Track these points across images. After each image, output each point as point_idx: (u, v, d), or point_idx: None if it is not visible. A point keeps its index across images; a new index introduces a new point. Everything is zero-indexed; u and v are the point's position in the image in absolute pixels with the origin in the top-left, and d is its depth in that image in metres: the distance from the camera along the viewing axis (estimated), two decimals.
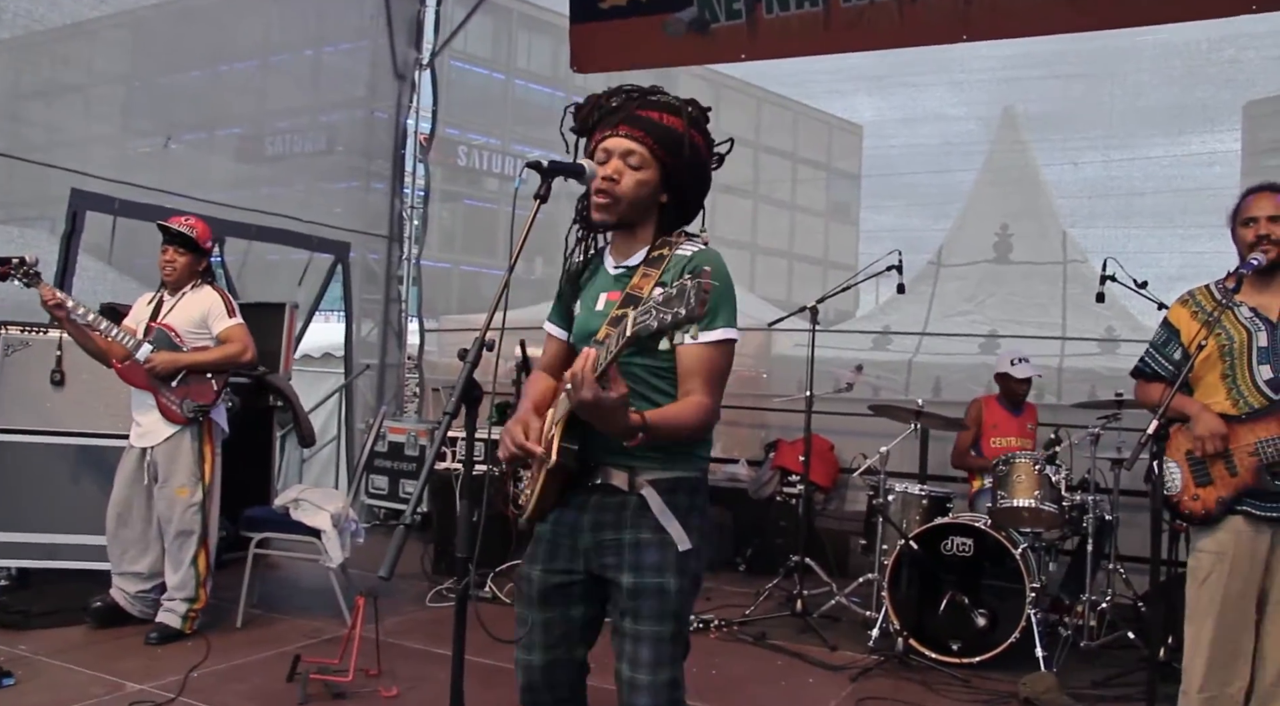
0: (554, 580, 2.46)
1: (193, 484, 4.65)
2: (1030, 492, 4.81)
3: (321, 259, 7.74)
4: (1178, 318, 3.60)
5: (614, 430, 2.13)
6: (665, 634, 2.33)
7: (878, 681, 4.51)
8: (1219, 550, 3.44)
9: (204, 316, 4.72)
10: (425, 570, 6.09)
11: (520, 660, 2.51)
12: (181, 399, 4.63)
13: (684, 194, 2.47)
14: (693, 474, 2.42)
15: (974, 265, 7.55)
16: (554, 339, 2.66)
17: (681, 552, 2.34)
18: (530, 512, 2.45)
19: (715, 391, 2.33)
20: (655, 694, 2.32)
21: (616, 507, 2.36)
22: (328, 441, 8.01)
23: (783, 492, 6.50)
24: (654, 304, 1.90)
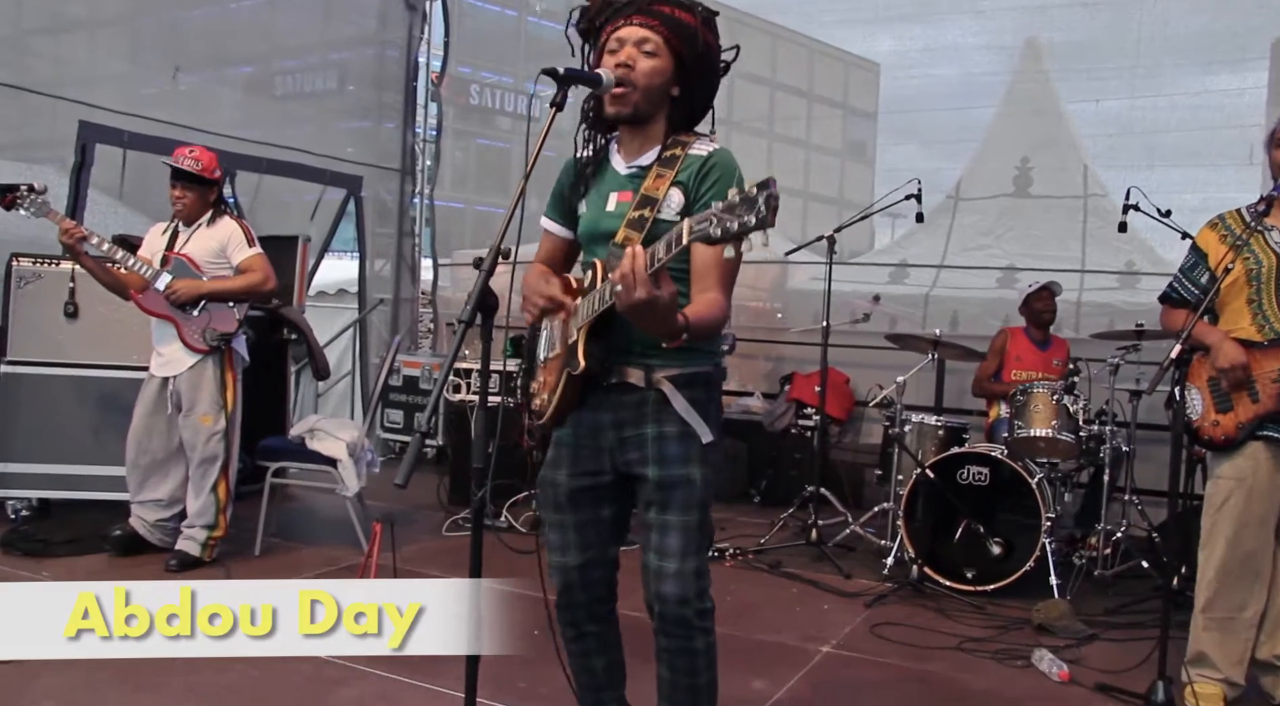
0: (581, 483, 2.49)
1: (216, 412, 4.66)
2: (1048, 422, 4.78)
3: (334, 194, 7.69)
4: (1206, 241, 3.53)
5: (660, 330, 2.12)
6: (692, 523, 2.38)
7: (892, 608, 4.53)
8: (1238, 476, 3.42)
9: (223, 246, 4.70)
10: (441, 501, 6.12)
11: (556, 563, 2.55)
12: (204, 328, 4.62)
13: (694, 91, 2.43)
14: (708, 368, 2.44)
15: (993, 199, 7.45)
16: (552, 235, 2.63)
17: (704, 444, 2.38)
18: (549, 418, 2.46)
19: (729, 290, 2.34)
20: (683, 581, 2.36)
21: (636, 404, 2.39)
22: (343, 376, 8.02)
23: (797, 425, 6.49)
24: (716, 212, 1.84)
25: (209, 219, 4.75)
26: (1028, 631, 4.26)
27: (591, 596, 2.57)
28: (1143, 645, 3.81)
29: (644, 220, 2.31)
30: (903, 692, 3.63)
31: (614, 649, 2.68)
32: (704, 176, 2.33)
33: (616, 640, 2.68)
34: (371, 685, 3.44)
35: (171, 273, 4.62)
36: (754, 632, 4.11)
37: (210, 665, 3.55)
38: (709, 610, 2.44)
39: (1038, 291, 5.62)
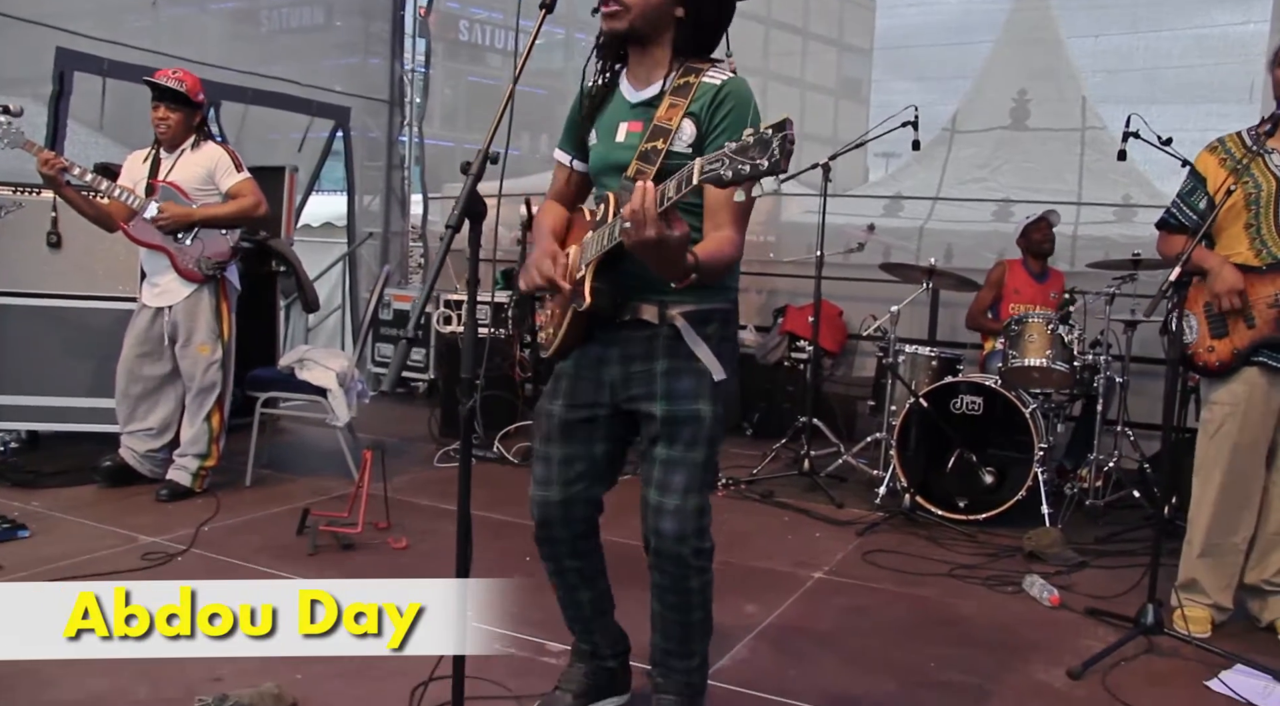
0: (577, 415, 2.45)
1: (213, 341, 4.62)
2: (1042, 352, 4.76)
3: (321, 130, 7.55)
4: (1205, 165, 3.47)
5: (669, 270, 2.07)
6: (698, 459, 2.34)
7: (884, 536, 4.55)
8: (1232, 402, 3.41)
9: (210, 172, 4.61)
10: (433, 433, 6.10)
11: (536, 497, 2.51)
12: (198, 256, 4.56)
13: (701, 12, 2.33)
14: (724, 305, 2.39)
15: (989, 132, 7.35)
16: (565, 168, 2.56)
17: (716, 381, 2.34)
18: (553, 351, 2.42)
19: (743, 227, 2.28)
20: (683, 518, 2.32)
21: (646, 340, 2.34)
22: (332, 310, 7.96)
23: (790, 358, 6.47)
24: (728, 153, 1.78)
25: (193, 144, 4.65)
26: (1019, 559, 4.27)
27: (571, 532, 2.52)
28: (1133, 572, 3.84)
29: (656, 152, 2.23)
30: (893, 616, 3.65)
31: (598, 578, 2.64)
32: (717, 107, 2.25)
33: (600, 570, 2.64)
34: None
35: (160, 201, 4.53)
36: (746, 560, 4.11)
37: None
38: (707, 550, 2.40)
39: (1036, 221, 5.57)
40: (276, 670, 2.80)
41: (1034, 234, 5.56)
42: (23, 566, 3.66)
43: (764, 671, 3.06)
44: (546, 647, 3.10)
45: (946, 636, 3.45)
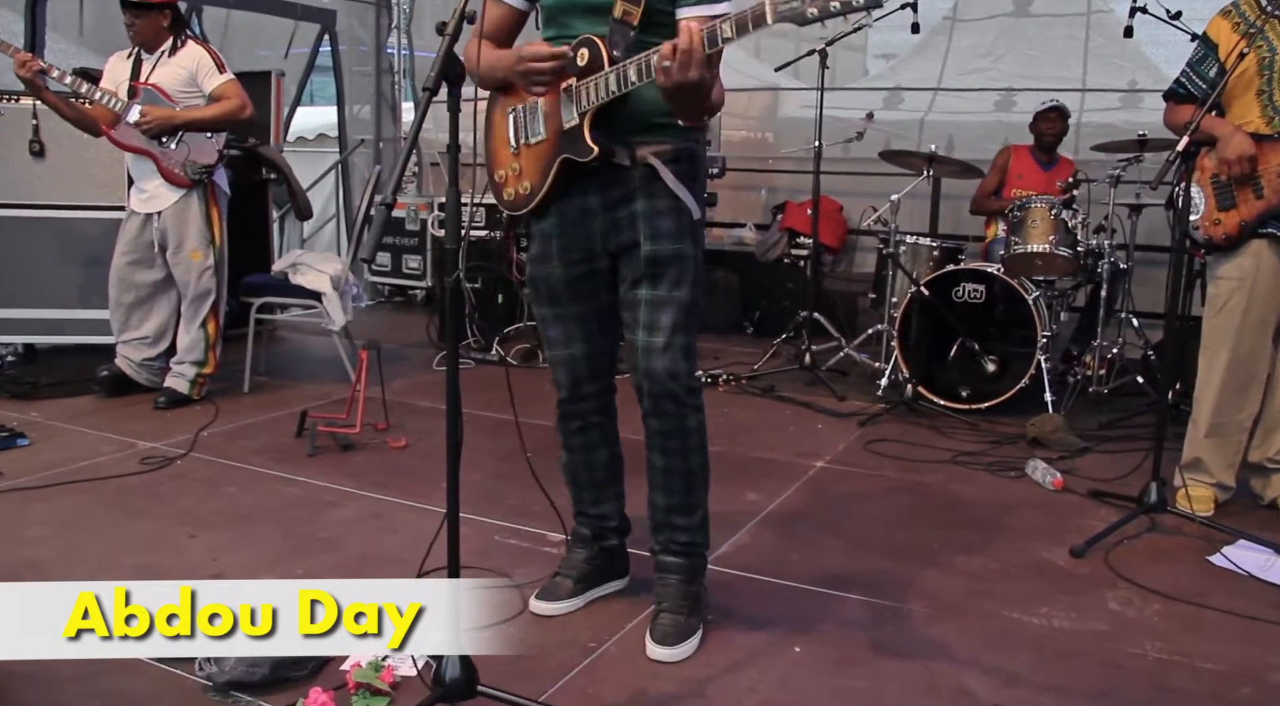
0: (578, 271, 2.42)
1: (205, 247, 4.55)
2: (1045, 237, 4.67)
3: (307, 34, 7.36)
4: (1217, 30, 3.34)
5: (695, 111, 2.13)
6: (684, 298, 2.33)
7: (886, 426, 4.53)
8: (1240, 275, 3.34)
9: (192, 74, 4.48)
10: (431, 338, 6.06)
11: (561, 357, 2.52)
12: (184, 161, 4.46)
13: None
14: (689, 143, 2.33)
15: (991, 19, 7.15)
16: (503, 6, 2.38)
17: (694, 220, 2.32)
18: (535, 207, 2.36)
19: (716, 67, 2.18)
20: (673, 356, 2.33)
21: (623, 182, 2.29)
22: (327, 220, 7.87)
23: (790, 255, 6.39)
24: None
25: (172, 46, 4.51)
26: (1022, 445, 4.26)
27: (599, 386, 2.55)
28: (1136, 456, 3.81)
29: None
30: (896, 501, 3.64)
31: (615, 442, 2.66)
32: None
33: (616, 435, 2.66)
34: (365, 505, 3.44)
35: (143, 103, 4.42)
36: (747, 450, 4.10)
37: (202, 490, 3.57)
38: (699, 388, 2.41)
39: (1046, 111, 5.43)
40: None
41: (1042, 123, 5.42)
42: (24, 471, 3.67)
43: (765, 556, 3.06)
44: (547, 538, 3.10)
45: (949, 519, 3.44)
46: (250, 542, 3.09)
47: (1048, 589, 2.88)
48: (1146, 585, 2.87)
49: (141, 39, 4.47)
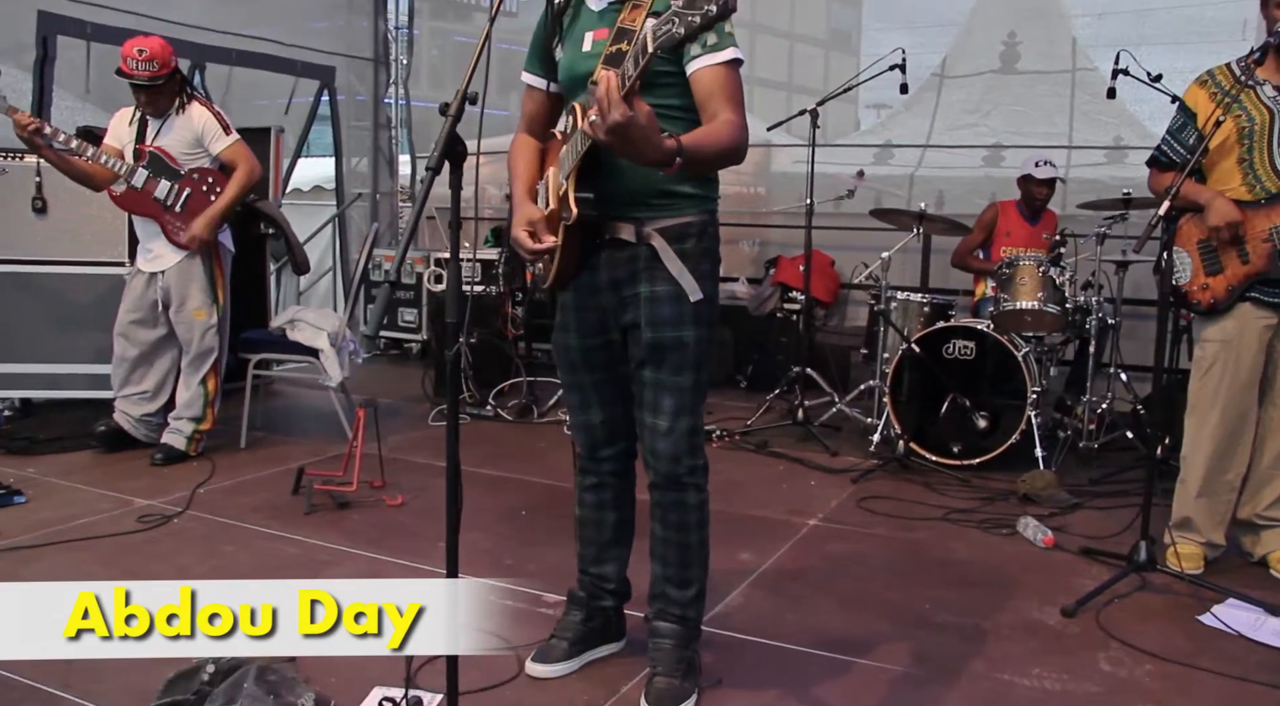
0: (592, 342, 2.48)
1: (209, 306, 4.62)
2: (1034, 295, 4.75)
3: (307, 92, 7.47)
4: (1195, 99, 3.43)
5: (649, 155, 2.01)
6: (685, 384, 2.38)
7: (879, 482, 4.56)
8: (1225, 338, 3.40)
9: (198, 137, 4.56)
10: (426, 393, 6.10)
11: (579, 422, 2.59)
12: (188, 224, 4.53)
13: None
14: (700, 216, 2.37)
15: (979, 76, 7.30)
16: (534, 90, 2.53)
17: (695, 303, 2.34)
18: (551, 279, 2.42)
19: (741, 109, 2.24)
20: (675, 439, 2.39)
21: (628, 261, 2.35)
22: (324, 273, 7.93)
23: (783, 309, 6.45)
24: (677, 10, 1.76)
25: (178, 107, 4.57)
26: (1013, 502, 4.30)
27: (615, 450, 2.60)
28: (1127, 512, 3.85)
29: (621, 54, 2.17)
30: (888, 560, 3.67)
31: (628, 507, 2.70)
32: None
33: (630, 501, 2.70)
34: (361, 565, 3.45)
35: (148, 167, 4.49)
36: (740, 508, 4.13)
37: (199, 549, 3.58)
38: (701, 467, 2.46)
39: (1045, 180, 5.44)
40: None
41: (1036, 187, 5.48)
42: (21, 530, 3.68)
43: (759, 617, 3.08)
44: (543, 598, 3.12)
45: (941, 578, 3.47)
46: None
47: (1039, 649, 2.90)
48: (1138, 645, 2.90)
49: (155, 109, 4.54)
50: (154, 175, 4.50)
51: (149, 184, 4.49)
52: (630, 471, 2.67)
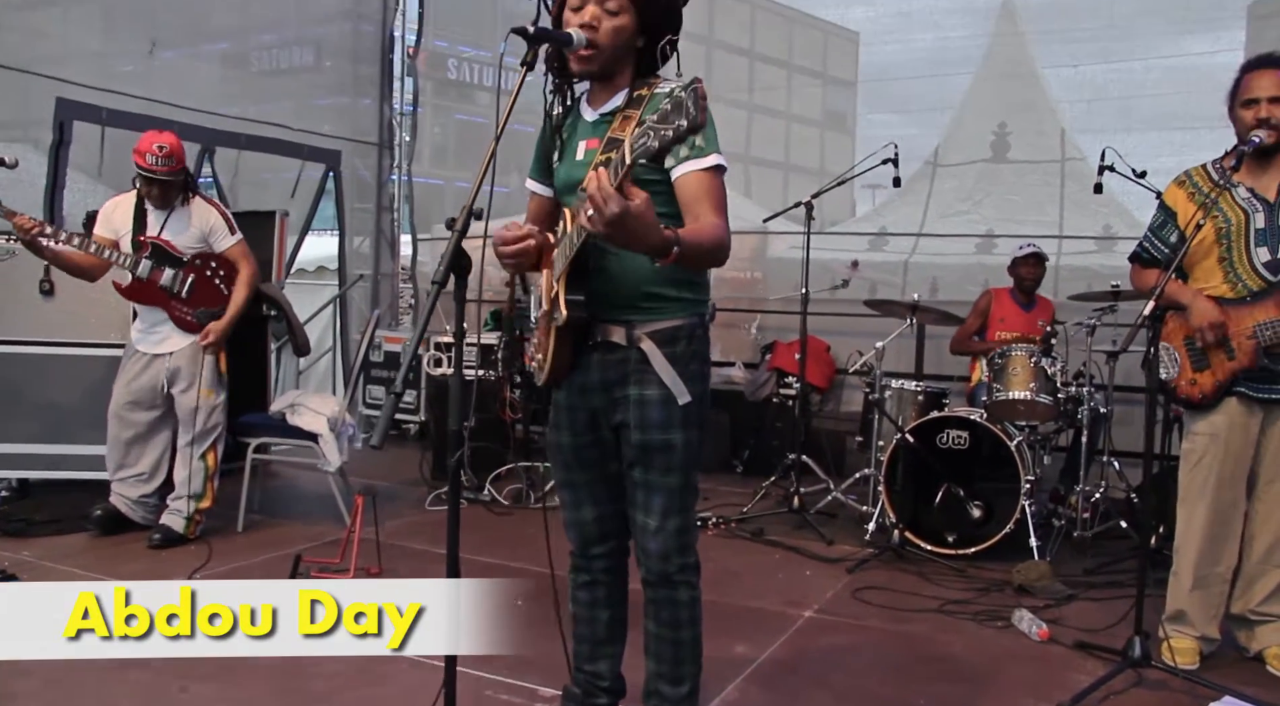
0: (584, 441, 2.52)
1: (217, 386, 4.69)
2: (1026, 385, 4.81)
3: (313, 171, 7.63)
4: (1174, 199, 3.53)
5: (649, 243, 2.06)
6: (675, 485, 2.41)
7: (874, 572, 4.56)
8: (1213, 432, 3.45)
9: (204, 233, 4.66)
10: (424, 476, 6.11)
11: (571, 519, 2.61)
12: (195, 309, 4.62)
13: (659, 37, 2.41)
14: (691, 320, 2.43)
15: (971, 165, 7.48)
16: (537, 196, 2.63)
17: (684, 405, 2.38)
18: (545, 378, 2.47)
19: (725, 214, 2.31)
20: (665, 538, 2.41)
21: (619, 363, 2.40)
22: (324, 353, 7.99)
23: (779, 394, 6.50)
24: (650, 124, 1.84)
25: (182, 200, 4.65)
26: (1008, 593, 4.30)
27: (608, 548, 2.62)
28: (1121, 603, 3.85)
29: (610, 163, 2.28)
30: (884, 654, 3.67)
31: (620, 606, 2.71)
32: None
33: (623, 598, 2.71)
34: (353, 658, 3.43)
35: (151, 259, 4.55)
36: (736, 599, 4.13)
37: None
38: (692, 565, 2.48)
39: (1025, 257, 5.61)
40: None
41: (1022, 268, 5.61)
42: None
43: None
44: (538, 693, 3.12)
45: (936, 673, 3.46)
46: (241, 696, 3.09)
47: None
48: None
49: (162, 202, 4.61)
50: (158, 265, 4.57)
51: (154, 274, 4.56)
52: (623, 568, 2.69)
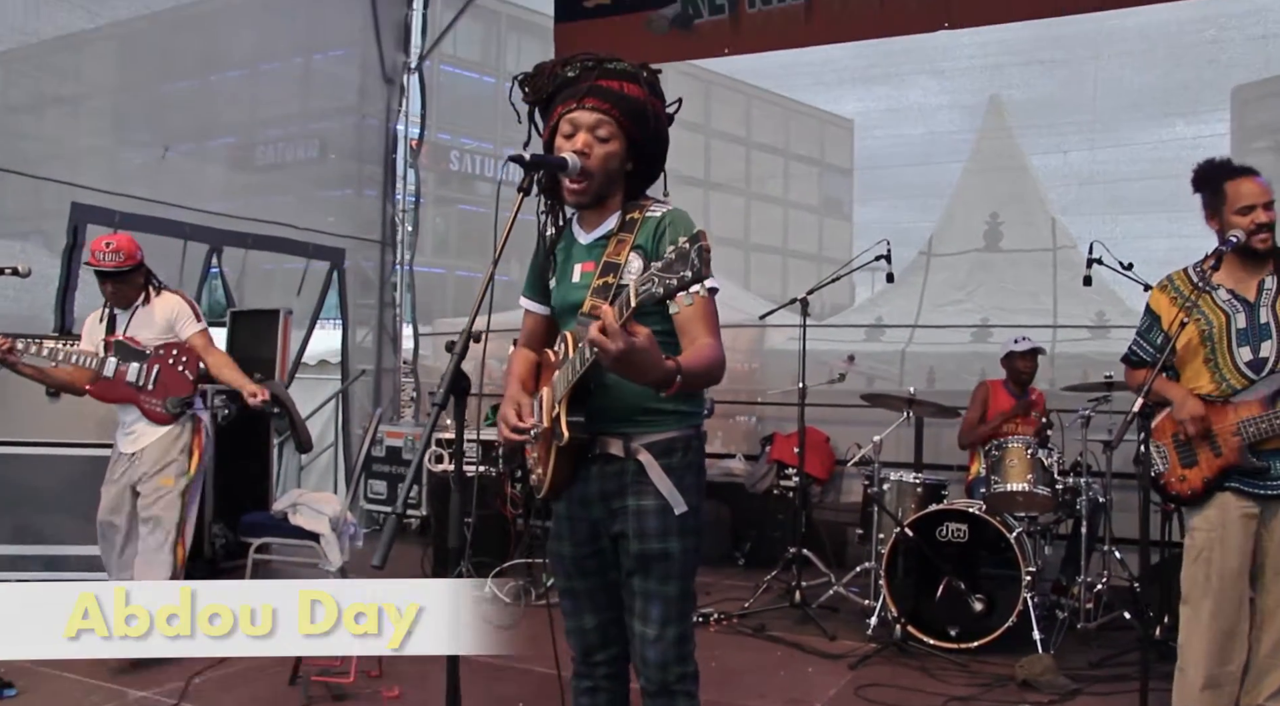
0: (584, 551, 2.55)
1: (176, 474, 4.58)
2: (1023, 476, 4.84)
3: (318, 266, 7.77)
4: (1157, 303, 3.62)
5: (651, 376, 2.13)
6: (672, 593, 2.43)
7: (877, 668, 4.54)
8: (1210, 528, 3.47)
9: (170, 323, 4.64)
10: (424, 572, 6.10)
11: (572, 627, 2.62)
12: (163, 399, 4.56)
13: (647, 160, 2.51)
14: (687, 432, 2.48)
15: (964, 254, 7.58)
16: (532, 314, 2.70)
17: (681, 515, 2.42)
18: (545, 491, 2.51)
19: (719, 335, 2.38)
20: (664, 647, 2.42)
21: (617, 475, 2.44)
22: (325, 447, 8.02)
23: (779, 486, 6.52)
24: (656, 272, 1.93)
25: (144, 300, 4.67)
26: (1012, 688, 4.27)
27: (609, 655, 2.62)
28: (1127, 697, 3.84)
29: (608, 287, 2.36)
30: None
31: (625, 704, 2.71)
32: (660, 237, 2.39)
33: (625, 700, 2.70)
34: None
35: (116, 356, 4.54)
36: (738, 699, 4.10)
37: None
38: (691, 674, 2.48)
39: (1025, 352, 5.66)
40: None
41: (1019, 362, 5.66)
42: None
43: None
44: None
45: None
46: None
47: None
48: None
49: (122, 300, 4.63)
50: (123, 361, 4.54)
51: (120, 371, 4.54)
52: (625, 675, 2.69)
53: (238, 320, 6.91)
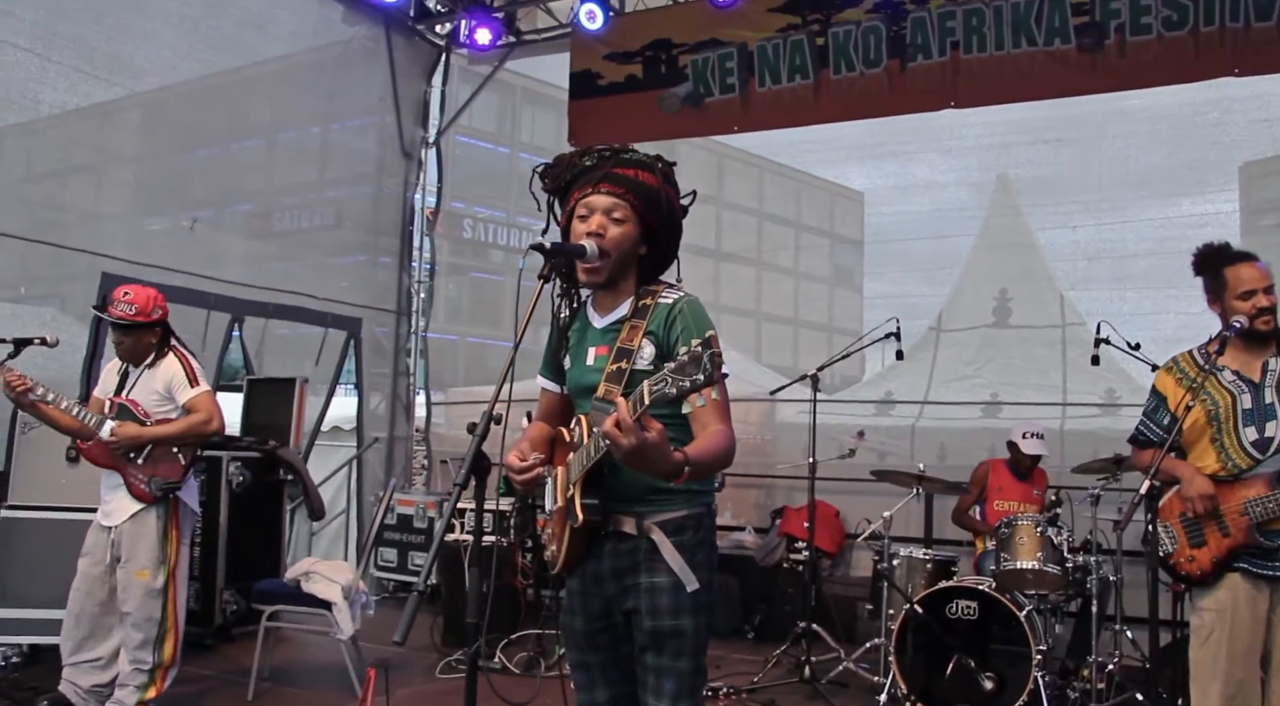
0: (597, 626, 2.59)
1: (154, 567, 4.29)
2: (1033, 554, 4.85)
3: (336, 334, 7.89)
4: (1164, 384, 3.68)
5: (660, 469, 2.23)
6: (685, 669, 2.48)
7: None
8: (1219, 608, 3.48)
9: (168, 387, 4.41)
10: (435, 642, 6.08)
11: (585, 701, 2.66)
12: (149, 476, 4.32)
13: (660, 246, 2.61)
14: (699, 510, 2.54)
15: (974, 330, 7.66)
16: (548, 393, 2.79)
17: (693, 591, 2.47)
18: (559, 568, 2.57)
19: (729, 419, 2.45)
20: None
21: (630, 552, 2.49)
22: (337, 514, 8.05)
23: (789, 559, 6.53)
24: (669, 374, 2.02)
25: (152, 360, 4.46)
26: None
27: None
28: None
29: (621, 372, 2.44)
30: None
31: None
32: (671, 325, 2.48)
33: None
34: None
35: (115, 418, 4.34)
36: None
37: None
38: None
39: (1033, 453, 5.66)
40: None
41: (1020, 456, 5.68)
42: None
43: None
44: None
45: None
46: None
47: None
48: None
49: (130, 355, 4.47)
50: (119, 426, 4.31)
51: None
52: None
53: (255, 388, 7.01)
